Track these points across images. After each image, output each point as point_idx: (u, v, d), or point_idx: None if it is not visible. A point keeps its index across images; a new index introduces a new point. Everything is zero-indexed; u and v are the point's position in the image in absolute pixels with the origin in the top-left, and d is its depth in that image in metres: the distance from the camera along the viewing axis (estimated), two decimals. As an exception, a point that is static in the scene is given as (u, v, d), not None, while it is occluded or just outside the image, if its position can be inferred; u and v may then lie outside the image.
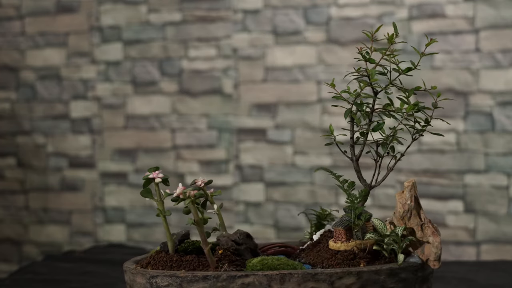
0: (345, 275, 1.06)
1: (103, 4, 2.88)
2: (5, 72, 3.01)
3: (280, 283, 1.04)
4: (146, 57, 2.85)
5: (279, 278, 1.04)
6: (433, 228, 1.17)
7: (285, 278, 1.04)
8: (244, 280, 1.04)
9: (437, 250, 1.15)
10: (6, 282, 2.04)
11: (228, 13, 2.75)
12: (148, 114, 2.86)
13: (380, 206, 2.62)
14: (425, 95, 2.74)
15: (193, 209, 1.14)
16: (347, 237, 1.18)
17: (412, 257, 1.17)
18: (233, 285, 1.04)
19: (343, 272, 1.07)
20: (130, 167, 2.89)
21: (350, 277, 1.07)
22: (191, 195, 1.13)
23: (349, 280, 1.07)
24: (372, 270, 1.09)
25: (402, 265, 1.13)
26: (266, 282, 1.04)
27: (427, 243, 1.16)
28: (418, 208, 1.19)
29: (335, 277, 1.06)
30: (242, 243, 1.19)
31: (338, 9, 2.64)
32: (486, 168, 2.52)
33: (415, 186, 1.21)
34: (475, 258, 2.54)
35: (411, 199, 1.19)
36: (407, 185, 1.20)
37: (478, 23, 2.51)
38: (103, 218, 2.93)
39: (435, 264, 1.15)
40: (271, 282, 1.04)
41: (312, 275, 1.05)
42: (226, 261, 1.11)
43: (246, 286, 1.04)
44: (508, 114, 2.50)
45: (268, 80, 2.72)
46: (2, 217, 3.05)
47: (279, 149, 2.72)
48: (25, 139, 3.00)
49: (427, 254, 1.16)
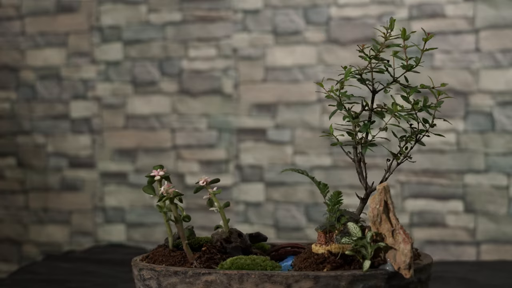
0: (302, 279, 1.05)
1: (103, 4, 2.88)
2: (5, 72, 3.01)
3: (239, 283, 1.05)
4: (146, 57, 2.85)
5: (238, 278, 1.05)
6: (404, 234, 1.10)
7: (243, 278, 1.05)
8: (208, 278, 1.06)
9: (406, 258, 1.08)
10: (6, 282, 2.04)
11: (228, 13, 2.75)
12: (148, 114, 2.86)
13: (380, 206, 2.62)
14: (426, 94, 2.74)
15: (172, 206, 1.19)
16: (326, 240, 1.16)
17: (387, 265, 1.10)
18: (198, 282, 1.06)
19: (299, 276, 1.05)
20: (130, 167, 2.89)
21: (307, 280, 1.05)
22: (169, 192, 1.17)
23: (306, 284, 1.05)
24: (332, 275, 1.05)
25: (367, 272, 1.07)
26: (226, 280, 1.05)
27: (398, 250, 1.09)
28: (389, 213, 1.13)
29: (291, 280, 1.05)
30: (232, 241, 1.20)
31: (338, 9, 2.64)
32: (486, 168, 2.52)
33: (386, 190, 1.15)
34: (475, 258, 2.54)
35: (380, 203, 1.14)
36: (378, 189, 1.14)
37: (478, 23, 2.51)
38: (103, 218, 2.93)
39: (406, 273, 1.07)
40: (230, 281, 1.06)
41: (268, 277, 1.05)
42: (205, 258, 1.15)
43: (210, 283, 1.06)
44: (508, 114, 2.50)
45: (268, 80, 2.72)
46: (2, 217, 3.05)
47: (279, 149, 2.72)
48: (25, 139, 3.00)
49: (398, 262, 1.09)
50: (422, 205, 2.59)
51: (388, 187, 1.15)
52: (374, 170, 2.62)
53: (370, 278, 1.06)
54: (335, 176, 2.66)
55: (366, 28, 2.60)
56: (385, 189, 1.15)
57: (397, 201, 2.61)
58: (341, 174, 2.65)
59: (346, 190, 2.66)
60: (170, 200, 1.19)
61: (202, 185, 1.25)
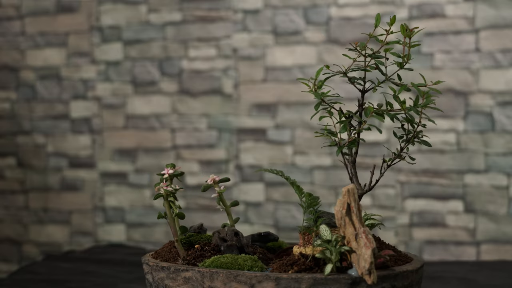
0: (264, 280, 1.06)
1: (103, 4, 2.88)
2: (5, 72, 3.01)
3: (210, 280, 1.09)
4: (146, 57, 2.85)
5: (209, 276, 1.10)
6: (365, 239, 1.07)
7: (214, 276, 1.09)
8: (186, 274, 1.12)
9: (366, 264, 1.04)
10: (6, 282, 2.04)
11: (228, 13, 2.75)
12: (148, 114, 2.86)
13: (380, 206, 2.62)
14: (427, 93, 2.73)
15: (166, 203, 1.23)
16: (304, 242, 1.15)
17: (352, 270, 1.08)
18: (179, 277, 1.12)
19: (262, 276, 1.06)
20: (130, 167, 2.89)
21: (268, 281, 1.06)
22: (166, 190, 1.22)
23: (268, 285, 1.06)
24: (292, 278, 1.06)
25: (329, 276, 1.06)
26: (200, 278, 1.10)
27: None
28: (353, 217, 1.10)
29: (254, 280, 1.07)
30: (227, 240, 1.22)
31: (338, 9, 2.64)
32: (486, 168, 2.52)
33: (351, 193, 1.11)
34: (475, 258, 2.54)
35: (343, 206, 1.10)
36: (343, 191, 1.11)
37: (478, 23, 2.51)
38: (103, 218, 2.93)
39: (368, 279, 1.04)
40: (203, 278, 1.10)
41: (234, 276, 1.08)
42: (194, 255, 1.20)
43: (187, 279, 1.11)
44: (508, 114, 2.50)
45: (268, 80, 2.72)
46: (2, 217, 3.05)
47: (279, 149, 2.72)
48: (25, 139, 3.00)
49: (360, 267, 1.06)
50: (422, 205, 2.59)
51: (353, 189, 1.11)
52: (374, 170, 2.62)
53: (331, 283, 1.05)
54: (335, 176, 2.66)
55: (366, 28, 2.60)
56: (349, 191, 1.11)
57: (397, 201, 2.61)
58: (341, 174, 2.65)
59: (346, 190, 2.66)
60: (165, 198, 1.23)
61: (210, 184, 1.28)
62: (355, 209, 1.10)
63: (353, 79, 1.29)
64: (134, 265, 2.26)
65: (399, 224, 2.61)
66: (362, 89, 1.29)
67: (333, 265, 1.07)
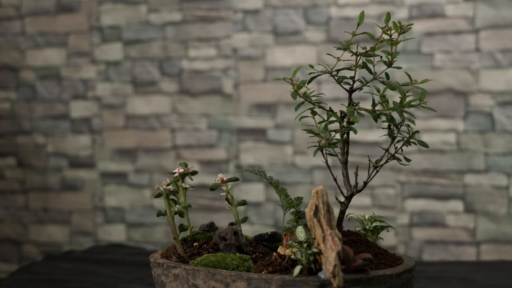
0: (237, 279, 1.09)
1: (103, 4, 2.88)
2: (5, 72, 3.01)
3: (193, 278, 1.13)
4: (146, 57, 2.85)
5: (192, 273, 1.13)
6: (331, 241, 1.05)
7: (195, 274, 1.13)
8: (175, 271, 1.16)
9: (330, 267, 1.03)
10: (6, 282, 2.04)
11: (228, 13, 2.75)
12: (148, 114, 2.86)
13: (380, 206, 2.62)
14: (425, 95, 2.73)
15: (166, 202, 1.26)
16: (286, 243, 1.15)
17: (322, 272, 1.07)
18: (170, 274, 1.17)
19: (235, 276, 1.09)
20: (130, 167, 2.89)
21: (241, 281, 1.08)
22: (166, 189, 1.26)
23: (241, 284, 1.08)
24: (263, 278, 1.07)
25: (297, 277, 1.06)
26: (185, 275, 1.14)
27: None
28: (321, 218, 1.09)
29: (229, 279, 1.09)
30: (227, 239, 1.24)
31: (338, 9, 2.64)
32: (486, 168, 2.52)
33: (320, 194, 1.10)
34: (475, 258, 2.54)
35: (312, 207, 1.09)
36: (312, 192, 1.10)
37: (478, 23, 2.51)
38: (103, 218, 2.93)
39: (333, 282, 1.03)
40: (188, 275, 1.14)
41: (212, 275, 1.11)
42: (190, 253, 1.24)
43: (176, 276, 1.16)
44: (508, 114, 2.50)
45: (268, 80, 2.72)
46: (2, 217, 3.05)
47: (279, 149, 2.72)
48: (25, 139, 3.00)
49: (327, 269, 1.05)
50: (422, 205, 2.59)
51: (322, 191, 1.10)
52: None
53: (300, 284, 1.06)
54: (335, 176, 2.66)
55: (366, 28, 2.60)
56: (317, 193, 1.10)
57: (397, 201, 2.61)
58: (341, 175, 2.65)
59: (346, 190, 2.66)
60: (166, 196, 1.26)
61: (219, 183, 1.31)
62: (323, 211, 1.09)
63: (340, 79, 1.27)
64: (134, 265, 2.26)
65: (399, 224, 2.61)
66: (350, 89, 1.28)
67: (303, 267, 1.07)
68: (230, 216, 2.74)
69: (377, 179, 2.62)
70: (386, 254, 1.24)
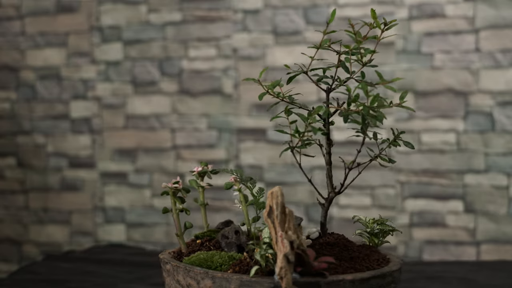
0: (205, 277, 1.12)
1: (103, 4, 2.88)
2: (5, 72, 3.01)
3: (176, 274, 1.18)
4: (146, 57, 2.85)
5: (175, 269, 1.18)
6: (281, 243, 1.05)
7: (178, 270, 1.18)
8: (167, 267, 1.21)
9: (277, 269, 1.03)
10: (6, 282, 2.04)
11: (228, 13, 2.75)
12: (148, 114, 2.86)
13: (380, 206, 2.62)
14: (424, 95, 2.75)
15: (172, 199, 1.29)
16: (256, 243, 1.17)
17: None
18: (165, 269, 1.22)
19: (203, 274, 1.13)
20: (130, 167, 2.89)
21: (208, 279, 1.12)
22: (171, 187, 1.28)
23: (208, 282, 1.12)
24: (224, 277, 1.10)
25: (253, 278, 1.08)
26: (172, 270, 1.19)
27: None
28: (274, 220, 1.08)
29: (199, 276, 1.13)
30: (228, 237, 1.27)
31: (338, 9, 2.64)
32: (486, 168, 2.52)
33: (274, 195, 1.08)
34: (475, 258, 2.54)
35: (266, 208, 1.09)
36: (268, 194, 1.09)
37: (478, 23, 2.51)
38: (103, 218, 2.93)
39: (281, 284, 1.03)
40: (174, 271, 1.19)
41: (188, 271, 1.15)
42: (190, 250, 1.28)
43: (168, 271, 1.21)
44: (508, 114, 2.50)
45: (268, 80, 2.72)
46: (2, 217, 3.05)
47: (279, 149, 2.72)
48: (25, 139, 3.00)
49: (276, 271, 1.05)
50: (422, 205, 2.59)
51: (276, 192, 1.09)
52: (373, 171, 2.62)
53: (255, 285, 1.07)
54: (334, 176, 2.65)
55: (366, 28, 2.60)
56: (271, 194, 1.09)
57: (397, 201, 2.61)
58: (340, 175, 2.65)
59: (346, 190, 2.66)
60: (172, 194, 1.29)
61: (232, 182, 1.34)
62: (276, 212, 1.08)
63: (319, 78, 1.27)
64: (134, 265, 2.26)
65: (399, 224, 2.61)
66: (327, 89, 1.27)
67: (259, 267, 1.09)
68: (230, 216, 2.74)
69: (377, 179, 2.62)
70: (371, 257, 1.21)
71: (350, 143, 2.62)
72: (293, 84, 2.71)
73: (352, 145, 2.61)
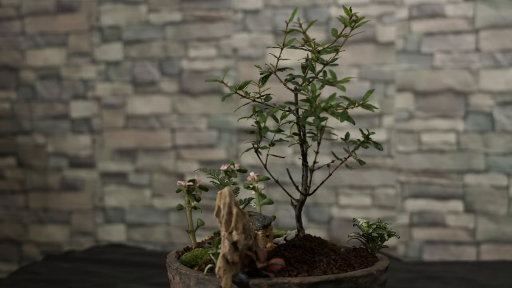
0: (176, 273, 1.19)
1: (103, 4, 2.88)
2: (5, 72, 3.01)
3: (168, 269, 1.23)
4: (146, 57, 2.85)
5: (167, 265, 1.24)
6: (222, 244, 1.08)
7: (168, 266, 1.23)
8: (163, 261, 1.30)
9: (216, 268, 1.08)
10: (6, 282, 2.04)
11: (228, 13, 2.75)
12: (148, 114, 2.86)
13: (380, 206, 2.62)
14: (424, 95, 2.75)
15: (186, 196, 1.32)
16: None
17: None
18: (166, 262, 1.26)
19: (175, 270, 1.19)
20: (130, 167, 2.89)
21: (177, 275, 1.18)
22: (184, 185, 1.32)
23: (177, 278, 1.18)
24: (186, 274, 1.16)
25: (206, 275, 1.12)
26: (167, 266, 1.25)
27: None
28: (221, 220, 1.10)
29: (174, 272, 1.19)
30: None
31: (338, 9, 2.64)
32: (486, 168, 2.52)
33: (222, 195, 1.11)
34: (475, 258, 2.54)
35: (215, 208, 1.12)
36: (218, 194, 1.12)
37: (478, 23, 2.51)
38: (103, 218, 2.93)
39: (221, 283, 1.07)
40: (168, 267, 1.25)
41: (169, 266, 1.22)
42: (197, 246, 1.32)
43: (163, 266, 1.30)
44: (508, 114, 2.50)
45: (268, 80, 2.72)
46: (2, 217, 3.05)
47: (280, 149, 2.72)
48: (25, 139, 3.00)
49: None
50: (422, 205, 2.59)
51: (225, 193, 1.11)
52: (374, 170, 2.62)
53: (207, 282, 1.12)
54: (335, 176, 2.66)
55: (366, 28, 2.60)
56: (220, 194, 1.11)
57: (397, 201, 2.61)
58: (341, 174, 2.65)
59: (346, 191, 2.66)
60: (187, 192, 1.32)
61: (250, 182, 1.36)
62: (223, 212, 1.10)
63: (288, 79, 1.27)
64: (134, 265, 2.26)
65: (399, 224, 2.61)
66: (295, 89, 1.28)
67: (211, 266, 1.14)
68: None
69: (377, 179, 2.62)
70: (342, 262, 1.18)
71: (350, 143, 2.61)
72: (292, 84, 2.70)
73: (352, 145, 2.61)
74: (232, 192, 1.11)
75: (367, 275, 1.12)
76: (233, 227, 1.09)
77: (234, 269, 1.07)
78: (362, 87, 2.62)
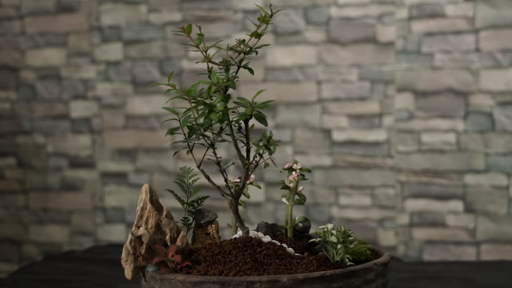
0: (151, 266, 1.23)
1: (103, 4, 2.88)
2: (5, 72, 3.01)
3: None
4: (146, 57, 2.85)
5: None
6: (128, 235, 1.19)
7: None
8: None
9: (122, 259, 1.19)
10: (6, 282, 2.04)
11: (228, 13, 2.75)
12: (148, 114, 2.86)
13: (380, 206, 2.62)
14: (424, 95, 2.75)
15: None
16: None
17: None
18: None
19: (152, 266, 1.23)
20: (130, 167, 2.89)
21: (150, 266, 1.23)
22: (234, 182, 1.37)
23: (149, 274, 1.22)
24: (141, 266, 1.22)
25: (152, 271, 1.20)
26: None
27: None
28: (138, 214, 1.20)
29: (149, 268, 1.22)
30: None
31: (338, 9, 2.64)
32: (486, 168, 2.52)
33: (141, 192, 1.22)
34: (475, 258, 2.54)
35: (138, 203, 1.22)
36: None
37: (478, 23, 2.51)
38: (103, 218, 2.93)
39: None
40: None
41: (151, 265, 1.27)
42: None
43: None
44: (508, 114, 2.50)
45: (268, 80, 2.72)
46: (2, 217, 3.05)
47: (279, 149, 2.72)
48: (25, 139, 3.00)
49: None
50: (422, 205, 2.59)
51: (143, 189, 1.22)
52: (374, 170, 2.62)
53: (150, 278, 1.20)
54: (335, 176, 2.66)
55: (366, 28, 2.60)
56: (141, 190, 1.23)
57: (397, 201, 2.61)
58: (341, 174, 2.65)
59: (346, 190, 2.66)
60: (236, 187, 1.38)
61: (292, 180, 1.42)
62: (138, 207, 1.21)
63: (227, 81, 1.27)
64: (134, 265, 2.26)
65: (399, 224, 2.61)
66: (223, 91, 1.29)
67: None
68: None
69: (377, 179, 2.62)
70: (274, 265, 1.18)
71: (350, 143, 2.62)
72: (292, 84, 2.71)
73: (352, 145, 2.61)
74: (149, 189, 1.21)
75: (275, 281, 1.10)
76: (143, 222, 1.19)
77: (140, 260, 1.18)
78: (362, 87, 2.62)
